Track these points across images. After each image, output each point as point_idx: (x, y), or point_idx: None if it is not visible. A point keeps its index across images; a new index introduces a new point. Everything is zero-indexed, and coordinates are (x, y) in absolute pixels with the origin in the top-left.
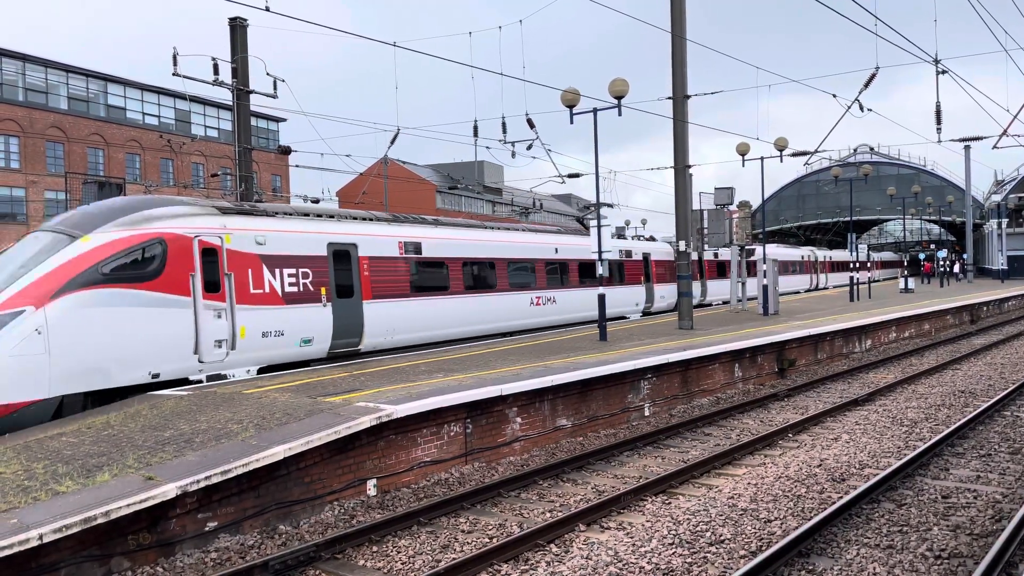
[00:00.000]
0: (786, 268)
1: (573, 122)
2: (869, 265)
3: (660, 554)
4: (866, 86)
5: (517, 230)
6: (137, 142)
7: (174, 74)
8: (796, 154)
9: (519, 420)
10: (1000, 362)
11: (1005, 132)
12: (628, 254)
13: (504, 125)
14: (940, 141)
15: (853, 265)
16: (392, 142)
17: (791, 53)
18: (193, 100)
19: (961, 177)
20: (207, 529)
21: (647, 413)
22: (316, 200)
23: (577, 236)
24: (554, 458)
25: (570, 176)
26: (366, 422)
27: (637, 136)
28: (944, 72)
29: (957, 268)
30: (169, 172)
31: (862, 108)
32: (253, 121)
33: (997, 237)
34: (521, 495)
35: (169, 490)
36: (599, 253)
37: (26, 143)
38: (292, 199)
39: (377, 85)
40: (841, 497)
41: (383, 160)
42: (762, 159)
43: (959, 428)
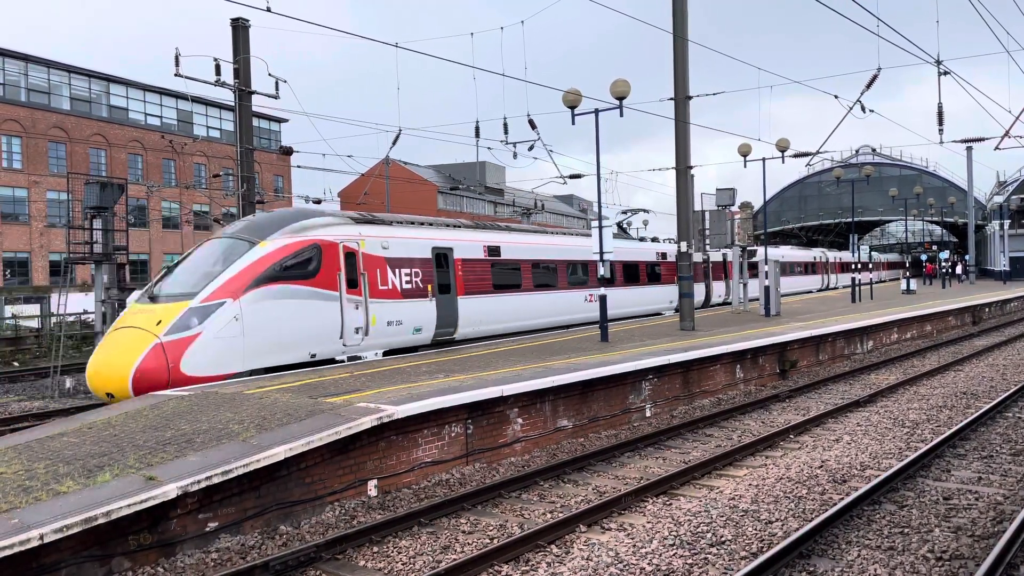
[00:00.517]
0: (799, 269)
1: (575, 123)
2: (876, 266)
3: (661, 555)
4: (868, 87)
5: (572, 234)
6: (139, 142)
7: (176, 75)
8: (798, 155)
9: (520, 421)
10: (1002, 363)
11: (1007, 133)
12: (663, 256)
13: (506, 126)
14: (942, 142)
15: (859, 266)
16: (394, 143)
17: (793, 54)
18: (195, 101)
19: (963, 178)
20: (208, 529)
21: (648, 414)
22: (318, 201)
23: (621, 240)
24: (555, 459)
25: (571, 177)
26: (367, 423)
27: (639, 137)
28: (946, 73)
29: (959, 269)
30: (171, 172)
31: (864, 109)
32: (255, 122)
33: (999, 238)
34: (522, 496)
35: (170, 490)
36: (600, 254)
37: (28, 143)
38: (294, 200)
39: (379, 85)
40: (842, 498)
41: (385, 161)
42: (764, 160)
43: (961, 430)
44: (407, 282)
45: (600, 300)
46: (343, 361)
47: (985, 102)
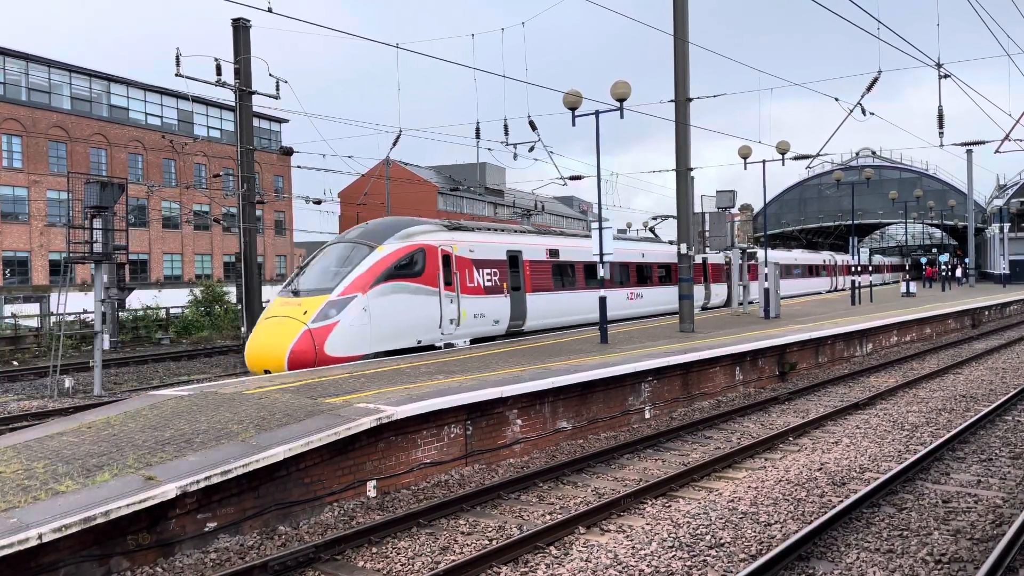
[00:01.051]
0: (810, 271)
1: (575, 124)
2: (881, 268)
3: (660, 557)
4: (868, 90)
5: (619, 240)
6: (139, 142)
7: (177, 75)
8: (798, 157)
9: (519, 422)
10: (1001, 367)
11: (1007, 137)
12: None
13: (506, 127)
14: (942, 145)
15: (865, 268)
16: (394, 143)
17: (793, 56)
18: (196, 101)
19: (963, 181)
20: (207, 529)
21: (648, 416)
22: (318, 201)
23: (657, 244)
24: (554, 460)
25: (572, 178)
26: (366, 423)
27: (639, 138)
28: (947, 76)
29: (959, 272)
30: (171, 172)
31: (864, 112)
32: (255, 122)
33: (999, 241)
34: (521, 497)
35: (169, 490)
36: (600, 255)
37: (29, 143)
38: (294, 200)
39: (379, 86)
40: (841, 501)
41: (385, 161)
42: (764, 162)
43: (960, 433)
44: (488, 280)
45: (600, 301)
46: (440, 347)
47: (985, 105)
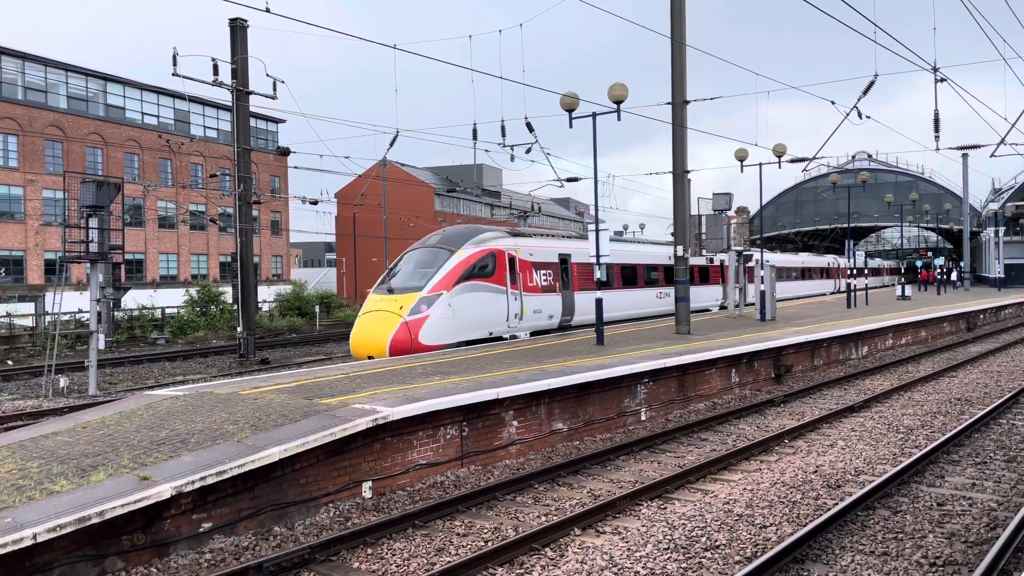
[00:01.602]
0: (815, 273)
1: (572, 126)
2: (880, 271)
3: (655, 559)
4: (865, 93)
5: (646, 243)
6: (136, 142)
7: (174, 74)
8: (794, 160)
9: (515, 423)
10: (996, 370)
11: (1003, 141)
12: (710, 260)
13: (503, 128)
14: (938, 149)
15: (865, 271)
16: (391, 144)
17: (790, 60)
18: (192, 100)
19: (959, 185)
20: (202, 530)
21: (644, 417)
22: (315, 202)
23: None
24: (550, 462)
25: (568, 180)
26: (362, 424)
27: (636, 141)
28: (943, 80)
29: (954, 276)
30: (168, 172)
31: (860, 115)
32: (252, 122)
33: (994, 245)
34: (517, 498)
35: (164, 490)
36: (597, 257)
37: (25, 141)
38: (291, 200)
39: (376, 87)
40: (836, 503)
41: (382, 162)
42: (760, 165)
43: (955, 436)
44: (544, 280)
45: (596, 303)
46: (506, 339)
47: (981, 109)
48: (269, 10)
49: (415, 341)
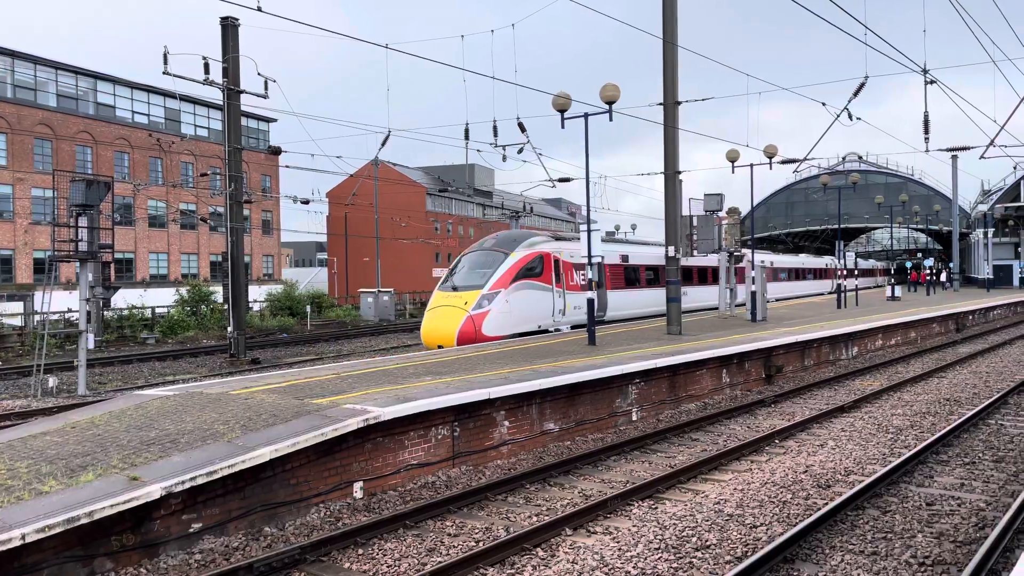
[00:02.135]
0: (813, 274)
1: (564, 127)
2: (874, 272)
3: (646, 559)
4: (855, 95)
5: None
6: (126, 140)
7: (164, 73)
8: (785, 161)
9: (507, 424)
10: (985, 371)
11: (992, 143)
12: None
13: (495, 129)
14: (928, 151)
15: (860, 272)
16: (383, 144)
17: (781, 61)
18: (183, 99)
19: (948, 186)
20: (192, 530)
21: (635, 418)
22: (306, 201)
23: None
24: (541, 462)
25: (560, 180)
26: (353, 424)
27: (627, 141)
28: (932, 82)
29: (943, 277)
30: (158, 171)
31: (851, 117)
32: (243, 121)
33: (983, 246)
34: (508, 499)
35: (154, 491)
36: (589, 257)
37: (14, 140)
38: (282, 200)
39: (368, 87)
40: (826, 503)
41: (374, 162)
42: (751, 166)
43: (944, 436)
44: (582, 280)
45: (588, 303)
46: (552, 332)
47: (971, 111)
48: (261, 9)
49: (479, 332)
